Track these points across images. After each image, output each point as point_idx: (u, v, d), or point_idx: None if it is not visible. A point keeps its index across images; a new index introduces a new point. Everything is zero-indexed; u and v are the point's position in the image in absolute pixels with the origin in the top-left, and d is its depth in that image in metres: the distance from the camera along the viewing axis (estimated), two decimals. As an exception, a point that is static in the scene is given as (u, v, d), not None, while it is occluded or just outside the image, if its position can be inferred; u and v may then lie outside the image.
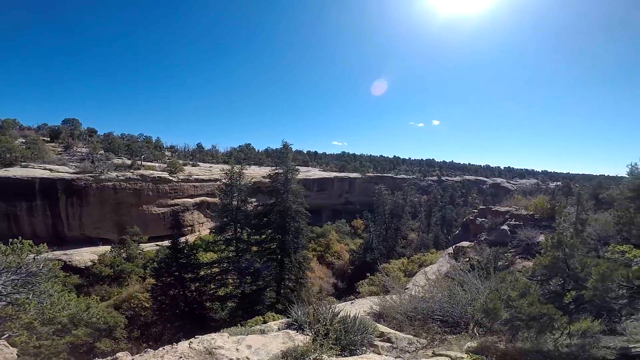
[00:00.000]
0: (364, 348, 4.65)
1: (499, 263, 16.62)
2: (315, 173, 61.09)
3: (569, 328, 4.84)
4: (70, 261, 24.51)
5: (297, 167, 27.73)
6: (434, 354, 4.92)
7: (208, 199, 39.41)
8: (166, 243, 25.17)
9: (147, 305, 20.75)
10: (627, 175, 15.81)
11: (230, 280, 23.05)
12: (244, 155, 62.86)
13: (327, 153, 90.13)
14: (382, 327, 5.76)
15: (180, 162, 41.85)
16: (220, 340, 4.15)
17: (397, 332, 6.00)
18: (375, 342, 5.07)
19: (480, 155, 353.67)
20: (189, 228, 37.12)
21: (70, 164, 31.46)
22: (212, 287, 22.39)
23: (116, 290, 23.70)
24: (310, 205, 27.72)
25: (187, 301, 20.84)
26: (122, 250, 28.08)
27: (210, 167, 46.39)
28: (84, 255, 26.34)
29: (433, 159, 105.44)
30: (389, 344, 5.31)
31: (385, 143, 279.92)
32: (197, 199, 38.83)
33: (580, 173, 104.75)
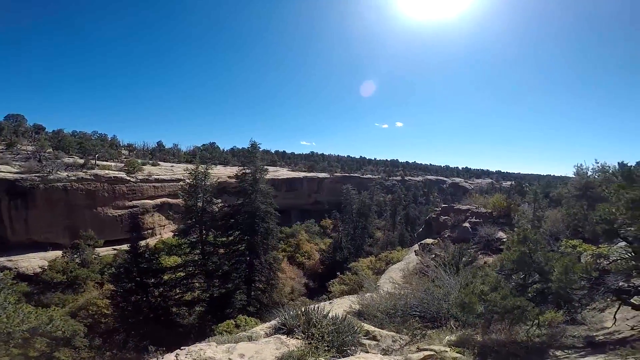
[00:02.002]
0: (354, 347, 4.70)
1: (463, 259, 17.60)
2: (283, 173, 60.66)
3: (538, 319, 5.24)
4: (16, 268, 22.55)
5: (265, 166, 27.38)
6: (419, 349, 5.09)
7: (170, 200, 37.75)
8: (125, 247, 23.74)
9: (107, 312, 19.72)
10: (573, 175, 17.42)
11: (197, 284, 22.30)
12: (209, 154, 60.75)
13: (295, 153, 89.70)
14: (367, 326, 5.86)
15: (139, 161, 39.76)
16: (210, 350, 3.98)
17: (380, 329, 6.13)
18: (363, 341, 5.15)
19: (441, 156, 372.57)
20: (150, 231, 35.33)
21: (14, 163, 28.51)
22: (178, 291, 21.56)
23: (71, 298, 22.21)
24: (279, 206, 27.51)
25: (151, 307, 20.01)
26: (75, 256, 26.21)
27: (172, 166, 44.49)
28: (31, 262, 24.25)
29: (397, 159, 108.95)
30: (375, 342, 5.42)
31: (352, 143, 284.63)
32: (158, 200, 37.09)
33: (530, 173, 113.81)
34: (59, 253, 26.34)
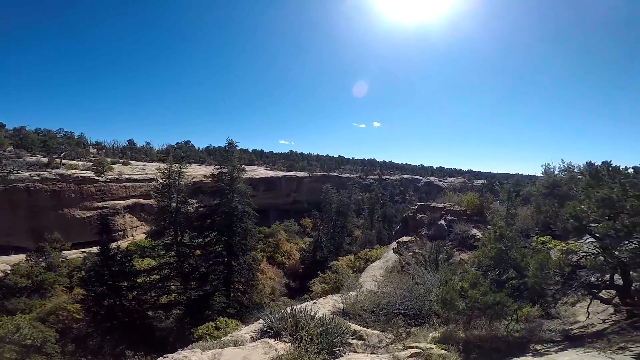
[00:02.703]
0: (342, 348, 4.69)
1: (440, 256, 18.13)
2: (262, 172, 59.99)
3: (517, 314, 5.46)
4: (-27, 273, 20.88)
5: (243, 165, 26.98)
6: (405, 347, 5.16)
7: (142, 200, 36.48)
8: (94, 250, 23.28)
9: (79, 317, 19.01)
10: (541, 174, 18.35)
11: (173, 286, 21.64)
12: (183, 152, 59.04)
13: (274, 152, 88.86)
14: (353, 326, 5.88)
15: (109, 160, 38.14)
16: (195, 357, 3.83)
17: (366, 329, 6.17)
18: (350, 341, 5.15)
19: (416, 155, 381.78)
20: (121, 233, 34.08)
21: (-31, 161, 26.39)
22: (153, 295, 20.87)
23: (38, 303, 21.07)
24: (257, 205, 27.25)
25: (126, 311, 19.43)
26: (40, 259, 24.91)
27: (144, 165, 43.05)
28: (-8, 266, 22.54)
29: (374, 158, 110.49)
30: (362, 342, 5.44)
31: (331, 143, 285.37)
32: (130, 201, 35.78)
33: (500, 172, 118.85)
34: (22, 257, 24.87)
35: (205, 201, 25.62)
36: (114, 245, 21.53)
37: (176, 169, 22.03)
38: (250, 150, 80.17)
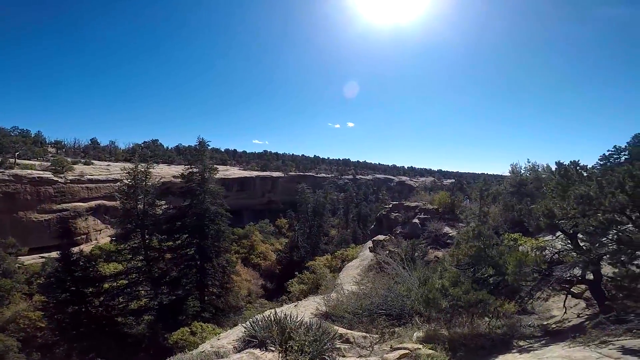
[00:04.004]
0: (331, 354, 4.56)
1: (416, 254, 18.54)
2: (235, 172, 58.82)
3: (498, 312, 5.60)
4: None
5: (215, 165, 26.38)
6: (393, 348, 5.13)
7: (106, 202, 34.80)
8: (54, 254, 21.98)
9: (42, 325, 18.11)
10: (509, 174, 19.26)
11: (142, 292, 20.95)
12: (151, 152, 56.54)
13: (247, 152, 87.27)
14: (339, 329, 5.77)
15: (69, 160, 36.17)
16: (176, 373, 3.53)
17: (351, 331, 6.09)
18: (337, 345, 5.03)
19: (389, 155, 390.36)
20: (84, 236, 32.31)
21: None
22: (122, 300, 20.13)
23: (-5, 311, 19.72)
24: (230, 206, 26.75)
25: (93, 318, 18.72)
26: (-6, 265, 22.81)
27: (109, 165, 41.25)
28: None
29: (349, 158, 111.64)
30: (349, 345, 5.35)
31: (306, 143, 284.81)
32: (93, 203, 33.98)
33: (467, 172, 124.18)
34: (-29, 264, 22.63)
35: (175, 202, 25.14)
36: (76, 249, 20.74)
37: (143, 169, 21.47)
38: (223, 150, 78.41)
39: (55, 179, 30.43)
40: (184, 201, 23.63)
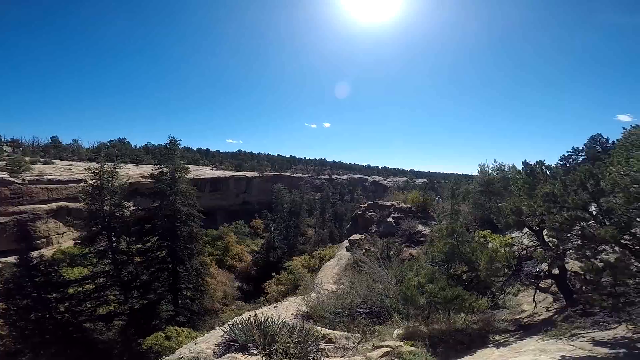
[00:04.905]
0: (315, 355, 4.55)
1: (391, 252, 18.95)
2: (207, 172, 57.30)
3: (473, 307, 5.83)
4: None
5: (186, 165, 25.71)
6: (375, 347, 5.19)
7: (69, 204, 32.83)
8: (12, 259, 20.75)
9: (2, 333, 17.16)
10: (477, 173, 20.13)
11: (111, 296, 20.20)
12: (118, 151, 53.86)
13: (220, 151, 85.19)
14: (322, 329, 5.77)
15: (27, 159, 33.79)
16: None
17: (333, 331, 6.11)
18: (321, 346, 5.03)
19: (363, 155, 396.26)
20: (44, 240, 30.45)
21: None
22: (89, 306, 19.32)
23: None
24: (203, 207, 26.12)
25: (59, 324, 17.83)
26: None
27: (71, 165, 38.97)
28: None
29: (325, 158, 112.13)
30: (332, 345, 5.36)
31: (282, 142, 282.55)
32: (54, 205, 31.97)
33: (438, 172, 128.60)
34: None
35: (144, 204, 24.17)
36: (35, 254, 19.67)
37: (109, 169, 20.69)
38: (195, 149, 76.07)
39: (12, 179, 28.51)
40: (153, 202, 22.86)
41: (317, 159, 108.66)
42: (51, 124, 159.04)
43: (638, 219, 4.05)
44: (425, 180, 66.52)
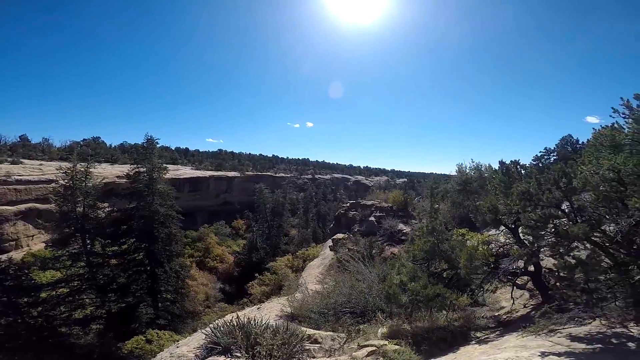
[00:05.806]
0: (299, 355, 4.53)
1: (373, 251, 19.17)
2: (186, 172, 56.10)
3: (454, 305, 5.98)
4: None
5: (165, 165, 25.09)
6: (360, 346, 5.24)
7: (39, 205, 31.63)
8: None
9: None
10: (455, 173, 20.71)
11: (87, 300, 19.64)
12: (92, 150, 51.79)
13: (200, 150, 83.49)
14: (307, 330, 5.76)
15: None
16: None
17: (319, 331, 6.12)
18: (307, 346, 5.02)
19: (345, 155, 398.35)
20: (13, 243, 29.44)
21: None
22: (64, 310, 18.74)
23: None
24: (182, 208, 25.67)
25: (32, 329, 17.34)
26: None
27: (41, 165, 37.55)
28: None
29: (308, 158, 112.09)
30: (318, 345, 5.36)
31: (264, 142, 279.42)
32: (23, 206, 30.84)
33: (417, 171, 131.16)
34: None
35: (120, 205, 23.68)
36: (4, 257, 19.54)
37: (82, 169, 20.22)
38: (173, 148, 74.27)
39: (-25, 180, 26.96)
40: (130, 203, 22.36)
41: (300, 158, 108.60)
42: (20, 122, 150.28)
43: (607, 217, 4.27)
44: (406, 179, 67.79)
